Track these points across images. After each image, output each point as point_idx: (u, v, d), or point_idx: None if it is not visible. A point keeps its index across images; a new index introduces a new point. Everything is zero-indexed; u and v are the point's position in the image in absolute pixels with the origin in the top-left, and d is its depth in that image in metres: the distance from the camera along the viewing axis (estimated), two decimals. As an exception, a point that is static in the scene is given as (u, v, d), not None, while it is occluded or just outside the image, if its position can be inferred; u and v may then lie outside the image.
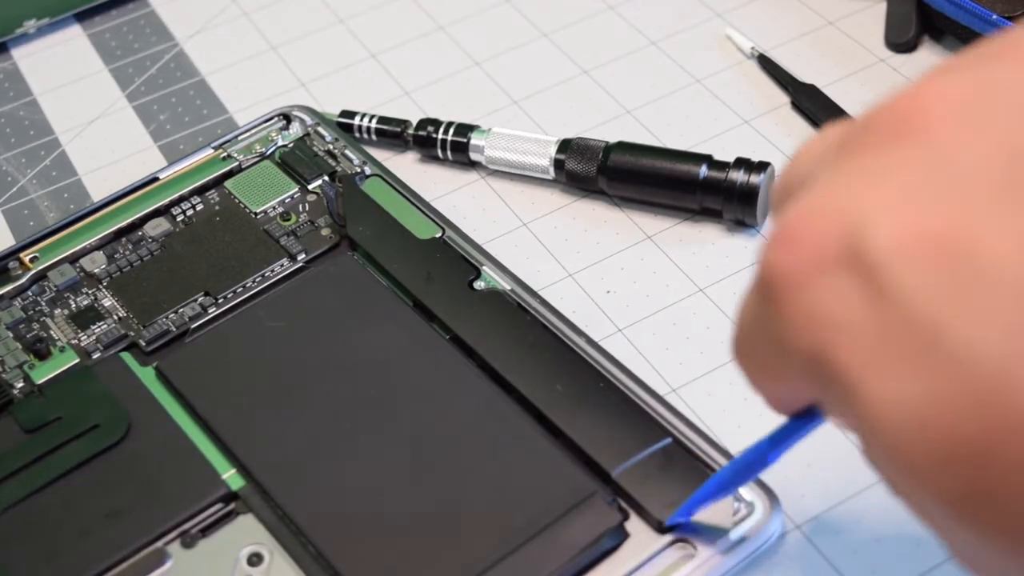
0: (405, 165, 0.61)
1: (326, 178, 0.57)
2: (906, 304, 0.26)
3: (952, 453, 0.26)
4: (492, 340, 0.49)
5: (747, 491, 0.45)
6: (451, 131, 0.60)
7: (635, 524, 0.44)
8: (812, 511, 0.46)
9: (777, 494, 0.45)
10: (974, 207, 0.26)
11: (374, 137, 0.61)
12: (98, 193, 0.62)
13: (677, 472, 0.45)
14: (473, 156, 0.60)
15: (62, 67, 0.70)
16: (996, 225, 0.26)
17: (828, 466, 0.47)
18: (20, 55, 0.71)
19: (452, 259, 0.52)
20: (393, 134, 0.61)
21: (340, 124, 0.61)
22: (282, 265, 0.54)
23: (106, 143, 0.65)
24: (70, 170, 0.64)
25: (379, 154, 0.60)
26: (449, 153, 0.60)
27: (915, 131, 0.28)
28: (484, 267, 0.52)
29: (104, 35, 0.71)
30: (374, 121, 0.61)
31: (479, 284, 0.52)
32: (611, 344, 0.52)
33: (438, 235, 0.53)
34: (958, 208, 0.26)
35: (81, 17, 0.73)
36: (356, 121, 0.61)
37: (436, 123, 0.61)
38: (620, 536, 0.43)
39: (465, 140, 0.60)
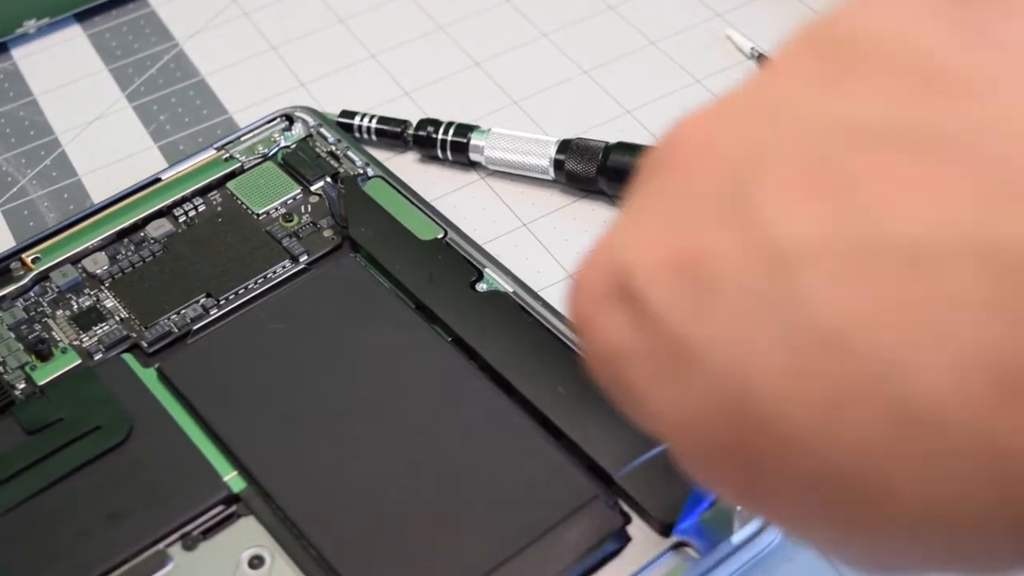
0: (405, 165, 0.61)
1: (328, 179, 0.57)
2: (662, 323, 0.28)
3: (718, 455, 0.28)
4: (494, 342, 0.49)
5: (749, 493, 0.44)
6: (451, 131, 0.60)
7: (637, 528, 0.44)
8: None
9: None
10: (706, 223, 0.28)
11: (374, 137, 0.61)
12: (98, 193, 0.61)
13: (679, 475, 0.45)
14: (473, 156, 0.60)
15: (62, 67, 0.70)
16: (723, 236, 0.27)
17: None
18: (20, 55, 0.71)
19: (454, 260, 0.52)
20: (393, 134, 0.61)
21: (340, 124, 0.61)
22: (284, 266, 0.54)
23: (106, 143, 0.65)
24: (70, 170, 0.64)
25: (379, 154, 0.60)
26: (449, 153, 0.60)
27: (664, 165, 0.30)
28: (486, 269, 0.52)
29: (104, 35, 0.71)
30: (374, 121, 0.61)
31: (481, 286, 0.52)
32: (612, 345, 0.52)
33: (440, 236, 0.53)
34: (693, 227, 0.28)
35: (81, 17, 0.72)
36: (356, 121, 0.61)
37: (436, 123, 0.61)
38: (622, 540, 0.43)
39: (465, 140, 0.60)
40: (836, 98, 0.27)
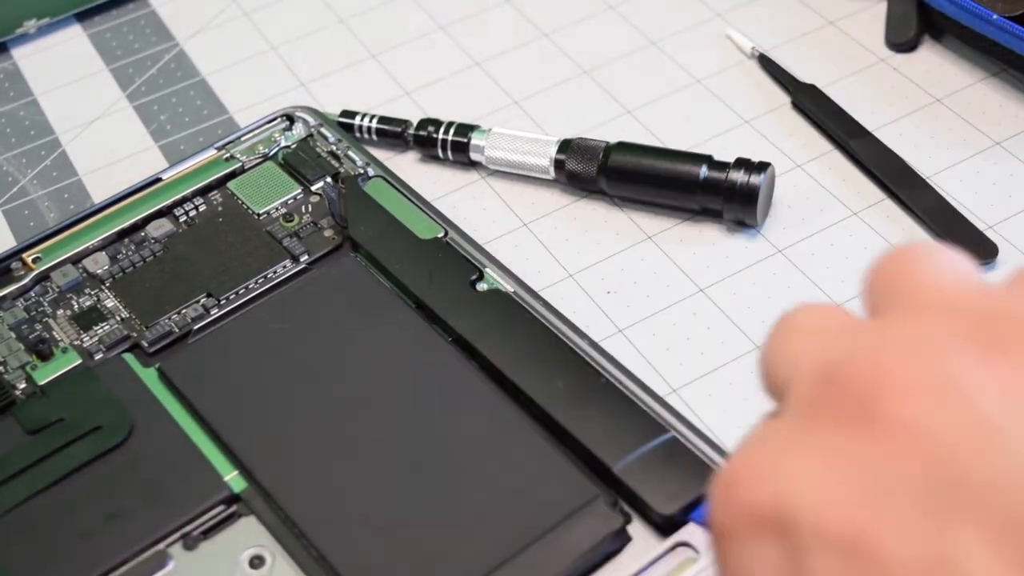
0: (405, 165, 0.61)
1: (328, 179, 0.57)
2: None
3: None
4: (494, 339, 0.49)
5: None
6: (451, 131, 0.60)
7: (637, 528, 0.44)
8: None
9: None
10: (892, 510, 0.26)
11: (374, 137, 0.61)
12: (98, 193, 0.62)
13: (678, 467, 0.45)
14: (473, 156, 0.60)
15: (62, 67, 0.70)
16: (903, 534, 0.26)
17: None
18: (20, 55, 0.71)
19: (454, 260, 0.52)
20: (393, 134, 0.61)
21: (340, 124, 0.61)
22: (284, 266, 0.54)
23: (106, 143, 0.65)
24: (70, 170, 0.64)
25: (379, 154, 0.61)
26: (449, 153, 0.60)
27: (868, 419, 0.28)
28: (486, 268, 0.52)
29: (104, 35, 0.71)
30: (374, 121, 0.61)
31: (481, 285, 0.51)
32: (611, 344, 0.52)
33: (440, 236, 0.53)
34: (879, 508, 0.26)
35: (81, 17, 0.73)
36: (356, 121, 0.61)
37: (436, 123, 0.61)
38: (622, 539, 0.44)
39: (465, 140, 0.60)
40: None
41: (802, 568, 0.27)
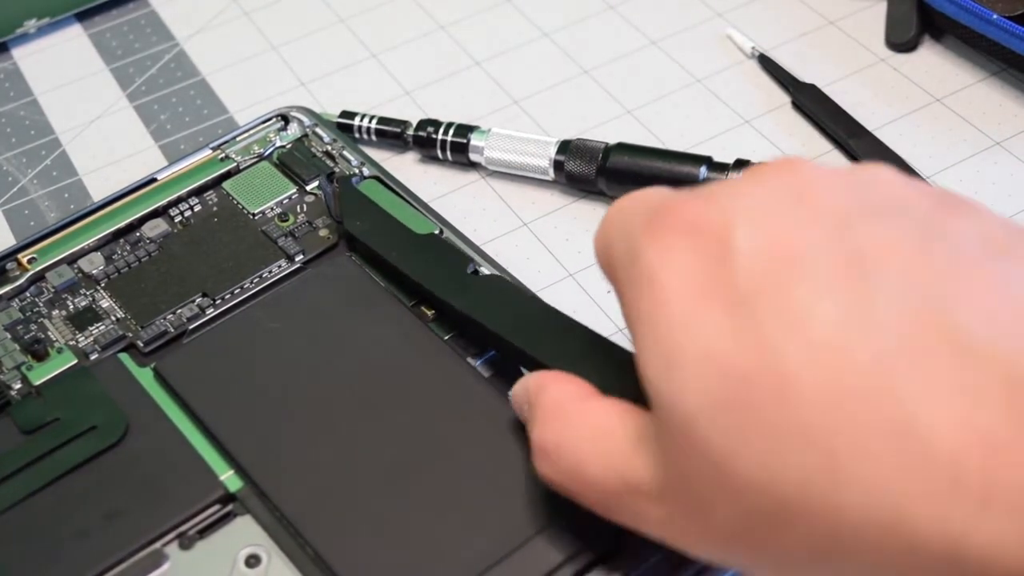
0: (405, 165, 0.61)
1: (324, 177, 0.57)
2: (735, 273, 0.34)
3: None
4: (496, 314, 0.49)
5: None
6: (451, 132, 0.60)
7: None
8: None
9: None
10: (812, 232, 0.34)
11: (374, 138, 0.61)
12: (99, 193, 0.62)
13: None
14: (473, 157, 0.60)
15: (63, 67, 0.70)
16: (822, 250, 0.34)
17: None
18: (21, 55, 0.71)
19: (451, 251, 0.52)
20: (393, 135, 0.61)
21: (340, 125, 0.61)
22: (280, 266, 0.54)
23: (107, 143, 0.65)
24: (71, 170, 0.64)
25: (379, 155, 0.61)
26: (449, 154, 0.60)
27: (792, 174, 0.37)
28: (481, 269, 0.52)
29: (105, 35, 0.71)
30: (374, 122, 0.61)
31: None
32: (611, 344, 0.52)
33: (436, 233, 0.53)
34: (800, 229, 0.35)
35: (82, 17, 0.73)
36: (356, 122, 0.61)
37: (436, 124, 0.61)
38: (618, 540, 0.43)
39: (465, 141, 0.60)
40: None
41: (728, 261, 0.34)
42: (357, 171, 0.57)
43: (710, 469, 0.34)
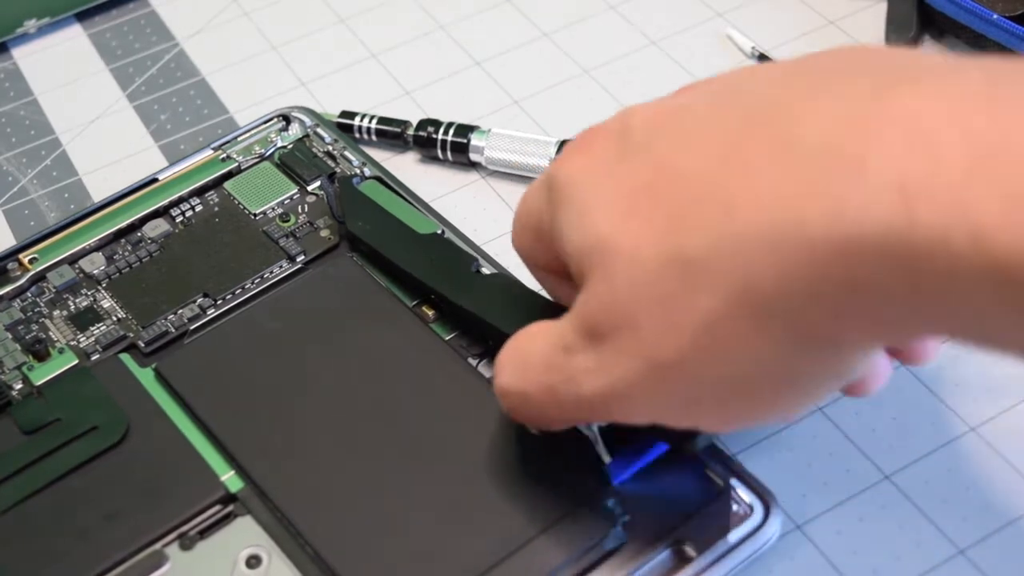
0: (405, 165, 0.61)
1: (325, 177, 0.57)
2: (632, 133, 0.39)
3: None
4: (501, 310, 0.49)
5: (746, 493, 0.45)
6: (451, 132, 0.60)
7: (634, 527, 0.44)
8: (812, 511, 0.46)
9: (776, 494, 0.45)
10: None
11: (374, 138, 0.61)
12: (99, 193, 0.62)
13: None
14: (473, 157, 0.60)
15: (63, 67, 0.70)
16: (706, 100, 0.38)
17: (828, 466, 0.47)
18: (21, 55, 0.71)
19: (453, 250, 0.52)
20: (393, 135, 0.61)
21: (340, 124, 0.61)
22: (281, 266, 0.54)
23: (107, 143, 0.65)
24: (71, 170, 0.64)
25: (379, 154, 0.61)
26: (449, 154, 0.60)
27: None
28: (484, 268, 0.52)
29: (105, 35, 0.71)
30: (374, 122, 0.61)
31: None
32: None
33: (438, 232, 0.53)
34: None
35: (81, 17, 0.73)
36: (356, 122, 0.61)
37: (436, 124, 0.61)
38: (620, 538, 0.43)
39: (465, 141, 0.60)
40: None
41: (626, 132, 0.39)
42: (358, 171, 0.57)
43: (628, 276, 0.37)
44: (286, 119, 0.60)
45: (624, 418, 0.40)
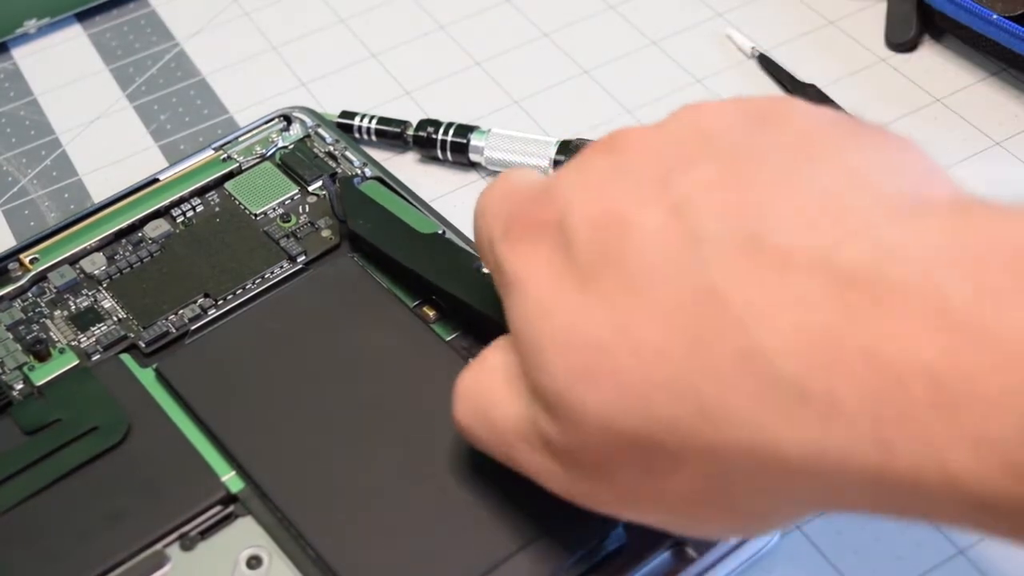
0: (405, 165, 0.61)
1: (327, 177, 0.57)
2: (578, 256, 0.36)
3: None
4: (500, 307, 0.49)
5: (747, 495, 0.45)
6: (451, 132, 0.60)
7: (635, 528, 0.44)
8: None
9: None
10: (636, 195, 0.36)
11: (374, 138, 0.61)
12: (99, 193, 0.62)
13: None
14: (473, 157, 0.60)
15: (63, 67, 0.70)
16: (647, 209, 0.35)
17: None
18: (21, 55, 0.71)
19: (454, 250, 0.52)
20: (393, 135, 0.61)
21: (340, 124, 0.61)
22: (282, 267, 0.54)
23: (107, 143, 0.65)
24: (71, 170, 0.64)
25: (379, 154, 0.61)
26: (449, 154, 0.60)
27: (609, 148, 0.39)
28: (484, 269, 0.51)
29: (105, 35, 0.71)
30: (374, 122, 0.61)
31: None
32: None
33: (439, 232, 0.53)
34: (625, 195, 0.36)
35: (82, 17, 0.73)
36: (356, 122, 0.61)
37: (436, 124, 0.61)
38: (620, 540, 0.43)
39: (465, 141, 0.60)
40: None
41: (570, 244, 0.37)
42: (359, 172, 0.57)
43: (593, 436, 0.36)
44: (287, 119, 0.60)
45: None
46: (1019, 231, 0.31)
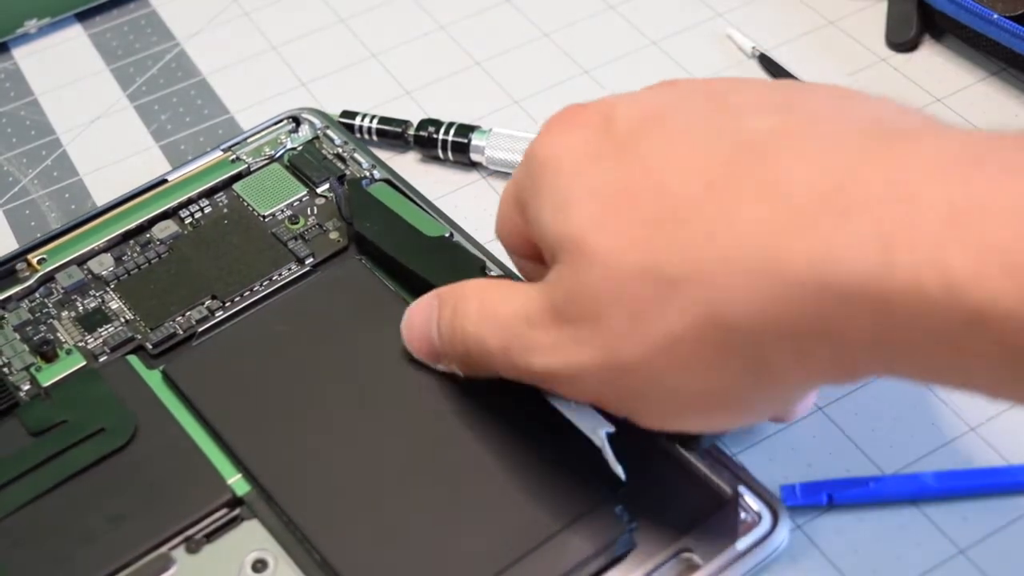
0: (406, 165, 0.61)
1: (335, 179, 0.57)
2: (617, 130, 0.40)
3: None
4: None
5: (754, 501, 0.45)
6: (452, 132, 0.60)
7: (642, 534, 0.44)
8: (812, 510, 0.46)
9: (776, 494, 0.45)
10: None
11: (375, 137, 0.61)
12: (99, 193, 0.62)
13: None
14: (474, 157, 0.60)
15: (63, 67, 0.70)
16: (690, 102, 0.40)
17: (828, 466, 0.48)
18: (21, 55, 0.71)
19: (462, 253, 0.52)
20: (394, 135, 0.61)
21: (341, 124, 0.61)
22: (290, 269, 0.54)
23: (107, 143, 0.65)
24: (71, 170, 0.64)
25: (380, 154, 0.60)
26: (450, 154, 0.60)
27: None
28: (491, 273, 0.51)
29: (105, 35, 0.71)
30: (375, 121, 0.61)
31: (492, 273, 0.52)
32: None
33: (446, 235, 0.53)
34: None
35: (82, 17, 0.73)
36: (357, 121, 0.62)
37: (437, 124, 0.61)
38: (628, 545, 0.44)
39: (466, 141, 0.60)
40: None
41: (612, 124, 0.40)
42: (368, 174, 0.57)
43: (600, 273, 0.38)
44: (296, 121, 0.60)
45: (566, 394, 0.43)
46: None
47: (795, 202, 0.35)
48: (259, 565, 0.44)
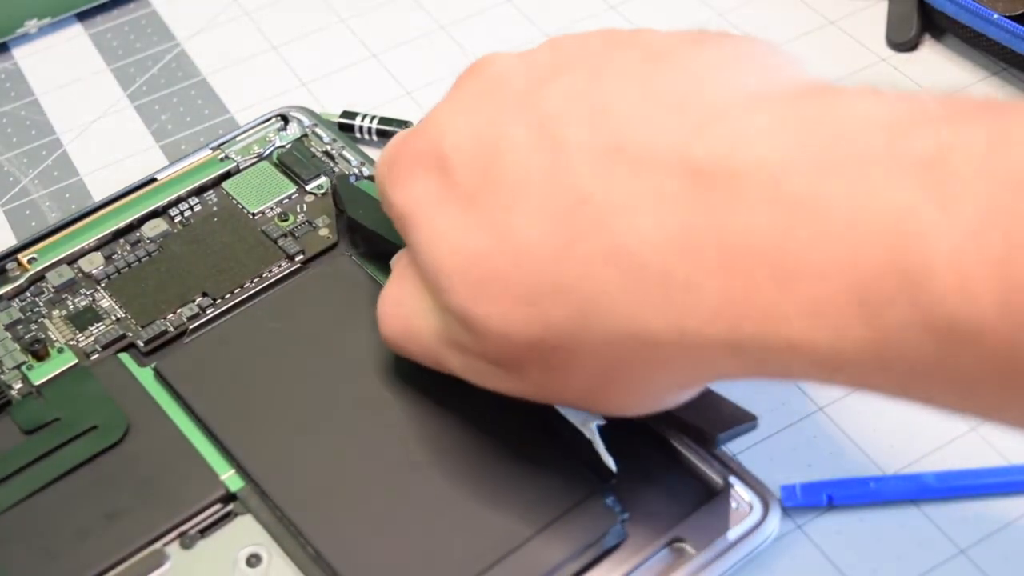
0: (405, 165, 0.61)
1: (336, 169, 0.57)
2: (459, 182, 0.40)
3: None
4: None
5: (745, 491, 0.45)
6: (451, 131, 0.60)
7: (634, 524, 0.44)
8: (812, 510, 0.46)
9: (776, 493, 0.45)
10: (504, 115, 0.39)
11: (375, 137, 0.61)
12: (100, 193, 0.62)
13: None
14: (474, 156, 0.60)
15: (64, 67, 0.70)
16: (515, 126, 0.39)
17: (828, 466, 0.47)
18: (21, 55, 0.71)
19: None
20: (394, 134, 0.61)
21: (341, 124, 0.61)
22: (280, 266, 0.54)
23: (108, 143, 0.65)
24: (72, 170, 0.64)
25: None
26: (450, 153, 0.60)
27: (479, 74, 0.44)
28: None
29: (106, 35, 0.71)
30: (375, 121, 0.61)
31: None
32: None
33: None
34: (494, 116, 0.40)
35: (82, 17, 0.73)
36: (357, 121, 0.61)
37: (437, 123, 0.61)
38: (619, 536, 0.44)
39: (466, 140, 0.60)
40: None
41: (448, 170, 0.40)
42: (356, 171, 0.57)
43: (499, 344, 0.39)
44: (284, 119, 0.60)
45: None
46: (854, 108, 0.34)
47: (643, 272, 0.35)
48: (253, 560, 0.44)
